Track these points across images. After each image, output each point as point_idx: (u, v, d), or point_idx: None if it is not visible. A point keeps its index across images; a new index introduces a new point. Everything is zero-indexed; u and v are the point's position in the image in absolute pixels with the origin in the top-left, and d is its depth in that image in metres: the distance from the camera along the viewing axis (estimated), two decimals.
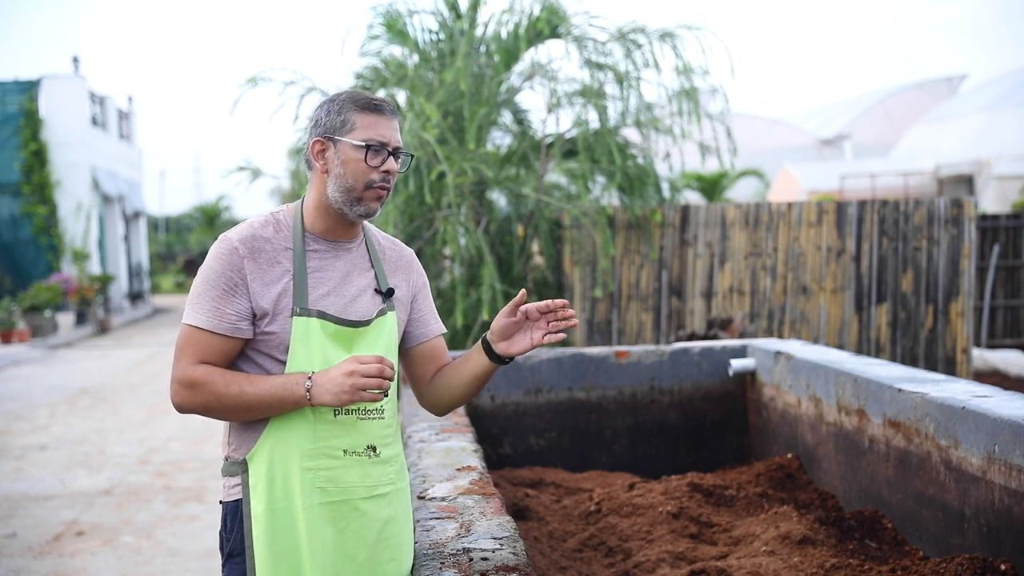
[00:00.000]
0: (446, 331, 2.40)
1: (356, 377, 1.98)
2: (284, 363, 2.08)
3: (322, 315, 2.08)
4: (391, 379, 2.02)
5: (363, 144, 2.09)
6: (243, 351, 2.12)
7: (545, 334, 2.13)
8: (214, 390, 2.03)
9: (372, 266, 2.22)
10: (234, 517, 2.12)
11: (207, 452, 7.82)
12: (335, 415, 2.08)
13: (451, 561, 2.16)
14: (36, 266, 20.21)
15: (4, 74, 44.67)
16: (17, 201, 20.20)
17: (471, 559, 2.17)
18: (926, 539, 3.14)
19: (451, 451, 3.19)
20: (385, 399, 2.14)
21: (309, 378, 2.01)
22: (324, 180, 2.13)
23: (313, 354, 2.07)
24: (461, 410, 3.90)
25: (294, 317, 2.07)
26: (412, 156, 2.20)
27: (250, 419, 2.07)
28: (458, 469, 2.97)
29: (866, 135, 30.77)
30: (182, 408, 2.08)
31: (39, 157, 20.18)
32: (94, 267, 20.79)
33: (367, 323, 2.14)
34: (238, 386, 2.03)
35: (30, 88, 20.38)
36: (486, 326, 7.12)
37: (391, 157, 2.11)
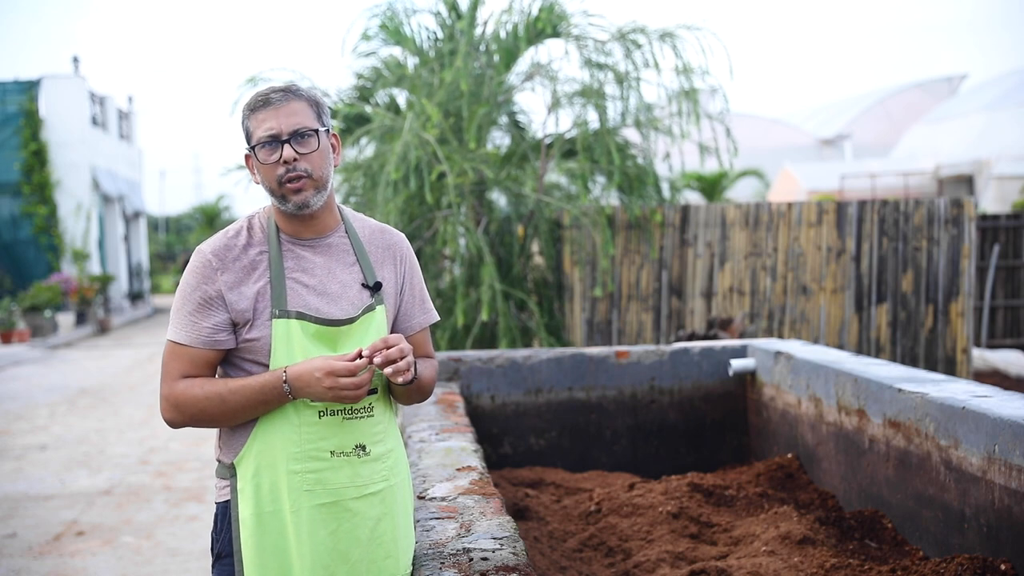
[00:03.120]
0: (437, 319, 2.35)
1: (336, 390, 1.98)
2: (268, 367, 2.07)
3: (300, 316, 2.06)
4: (369, 377, 2.00)
5: (255, 145, 2.08)
6: (228, 358, 2.11)
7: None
8: (196, 403, 2.04)
9: (357, 259, 2.18)
10: (223, 518, 2.13)
11: (207, 452, 7.82)
12: (320, 416, 2.06)
13: (451, 561, 2.16)
14: (36, 266, 20.21)
15: (4, 74, 44.70)
16: (17, 201, 20.20)
17: (471, 559, 2.17)
18: (926, 539, 3.14)
19: (451, 451, 3.19)
20: (374, 396, 2.12)
21: (285, 381, 2.00)
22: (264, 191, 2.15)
23: (295, 356, 2.05)
24: (461, 410, 3.90)
25: (273, 320, 2.05)
26: (317, 130, 2.08)
27: (241, 423, 2.08)
28: (458, 469, 2.97)
29: (866, 135, 30.78)
30: (173, 424, 2.10)
31: (39, 157, 20.18)
32: (94, 267, 20.79)
33: (351, 320, 2.11)
34: (218, 395, 2.03)
35: (30, 88, 20.39)
36: (486, 326, 7.12)
37: (286, 146, 2.04)
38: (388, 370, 2.01)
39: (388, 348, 2.01)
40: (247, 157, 2.14)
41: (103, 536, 5.66)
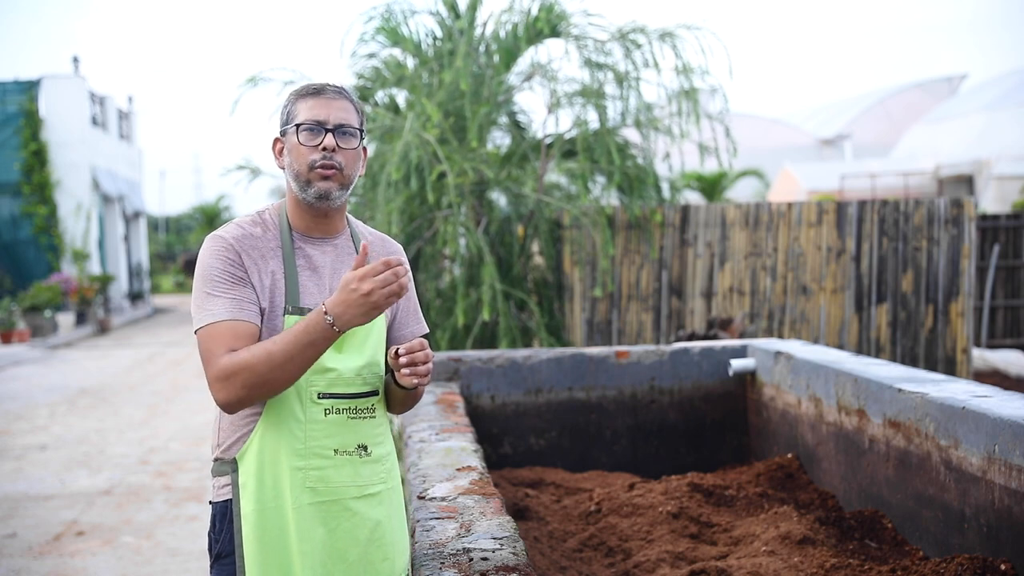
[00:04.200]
0: (427, 331, 2.37)
1: (377, 291, 1.89)
2: None
3: None
4: (404, 275, 1.94)
5: (298, 124, 2.08)
6: None
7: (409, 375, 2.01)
8: (245, 365, 1.95)
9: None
10: (223, 518, 2.12)
11: (207, 452, 7.82)
12: (325, 414, 2.08)
13: (451, 561, 2.16)
14: (36, 266, 20.21)
15: (4, 74, 44.71)
16: (17, 201, 20.20)
17: (471, 559, 2.17)
18: (926, 539, 3.14)
19: (451, 451, 3.19)
20: (375, 397, 2.14)
21: (325, 313, 1.92)
22: (287, 176, 2.14)
23: None
24: (461, 410, 3.90)
25: (285, 316, 2.06)
26: (359, 131, 2.12)
27: (294, 376, 1.99)
28: (458, 469, 2.97)
29: (866, 135, 30.78)
30: (229, 403, 2.00)
31: (39, 157, 20.18)
32: (94, 267, 20.79)
33: None
34: (263, 350, 1.95)
35: (30, 88, 20.39)
36: (486, 326, 7.12)
37: (329, 135, 2.06)
38: (406, 370, 2.00)
39: (418, 344, 2.02)
40: (276, 140, 2.16)
41: (103, 536, 5.66)
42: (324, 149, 2.06)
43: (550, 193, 7.89)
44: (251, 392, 1.98)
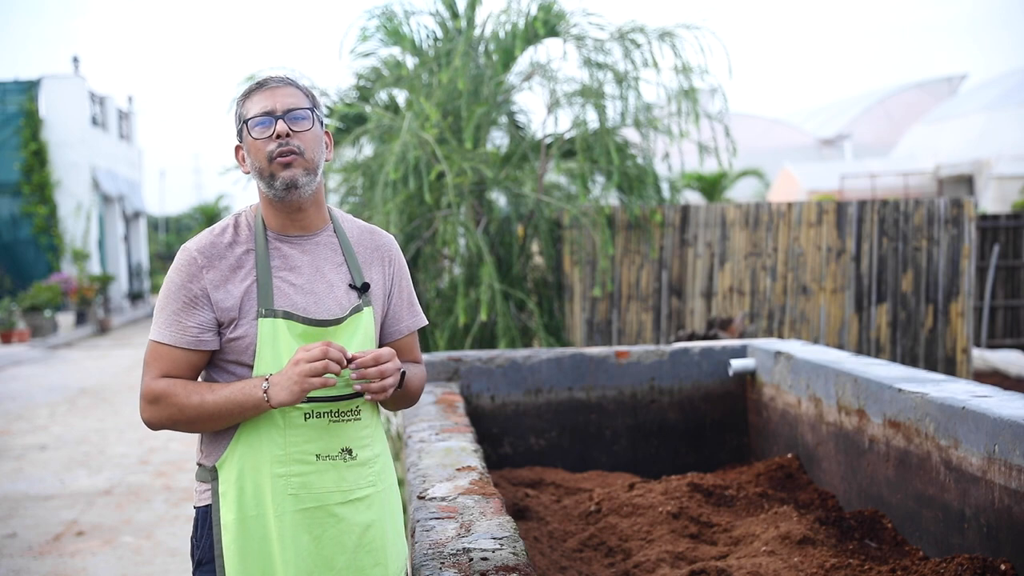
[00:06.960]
0: (425, 323, 2.32)
1: (301, 365, 1.91)
2: (252, 369, 2.03)
3: (288, 315, 2.02)
4: (340, 362, 1.94)
5: (248, 120, 2.04)
6: (212, 361, 2.07)
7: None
8: (176, 402, 1.98)
9: (345, 259, 2.14)
10: (204, 523, 2.08)
11: None
12: (305, 419, 2.03)
13: (451, 561, 2.16)
14: (36, 266, 20.23)
15: (4, 74, 44.73)
16: (17, 201, 20.22)
17: (471, 559, 2.16)
18: (926, 539, 3.14)
19: (451, 451, 3.18)
20: (360, 399, 2.09)
21: (267, 379, 1.95)
22: (254, 178, 2.09)
23: (281, 356, 2.01)
24: (461, 410, 3.90)
25: (259, 319, 2.01)
26: (311, 111, 2.06)
27: (218, 428, 2.02)
28: (458, 469, 2.96)
29: (866, 135, 30.80)
30: (151, 423, 2.03)
31: (39, 157, 20.19)
32: (94, 267, 20.79)
33: (339, 321, 2.07)
34: (199, 396, 1.97)
35: (30, 88, 20.40)
36: (485, 326, 7.12)
37: (280, 121, 2.01)
38: (357, 386, 1.99)
39: (370, 359, 1.98)
40: (237, 148, 2.11)
41: (103, 536, 5.66)
42: (279, 137, 2.02)
43: (550, 193, 7.89)
44: (174, 425, 2.02)
